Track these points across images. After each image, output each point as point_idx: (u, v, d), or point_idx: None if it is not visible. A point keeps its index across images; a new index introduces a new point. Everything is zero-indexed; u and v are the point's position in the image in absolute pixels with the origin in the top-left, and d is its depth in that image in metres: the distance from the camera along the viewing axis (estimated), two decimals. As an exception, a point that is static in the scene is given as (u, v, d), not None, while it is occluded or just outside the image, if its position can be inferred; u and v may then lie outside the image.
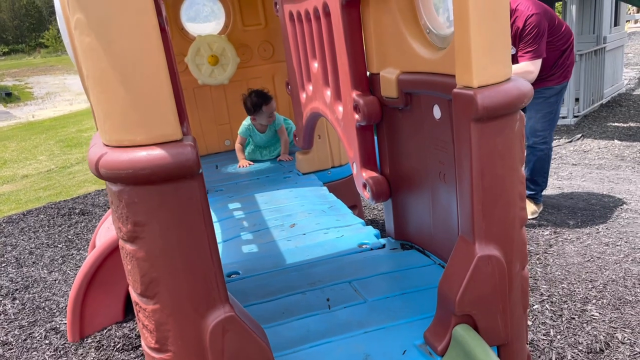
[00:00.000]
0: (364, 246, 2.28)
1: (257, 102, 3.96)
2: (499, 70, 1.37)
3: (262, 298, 1.92)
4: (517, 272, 1.49)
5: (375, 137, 2.29)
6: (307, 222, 2.62)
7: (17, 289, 4.06)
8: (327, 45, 2.35)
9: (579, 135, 7.18)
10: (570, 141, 7.06)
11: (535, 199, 4.53)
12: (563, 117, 7.83)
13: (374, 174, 2.20)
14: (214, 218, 2.85)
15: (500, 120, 1.36)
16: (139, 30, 1.09)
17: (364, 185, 2.22)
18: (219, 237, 2.55)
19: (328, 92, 2.51)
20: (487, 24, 1.32)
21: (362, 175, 2.22)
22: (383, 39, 2.04)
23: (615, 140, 6.88)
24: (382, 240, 2.30)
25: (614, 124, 7.66)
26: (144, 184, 1.16)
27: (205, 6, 4.45)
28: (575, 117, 7.83)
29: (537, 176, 4.46)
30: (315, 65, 2.62)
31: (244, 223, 2.72)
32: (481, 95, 1.32)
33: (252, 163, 4.06)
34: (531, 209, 4.50)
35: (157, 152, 1.13)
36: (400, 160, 2.10)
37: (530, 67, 3.84)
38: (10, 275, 4.33)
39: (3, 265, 4.56)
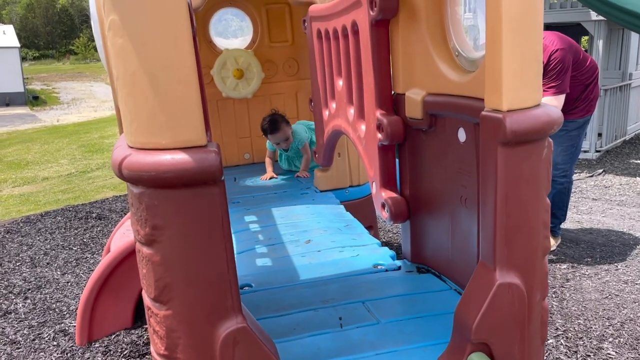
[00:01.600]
0: (379, 267, 2.25)
1: (264, 128, 4.03)
2: (530, 95, 1.35)
3: (273, 312, 1.90)
4: (537, 302, 1.45)
5: (397, 158, 2.28)
6: (323, 239, 2.60)
7: (29, 289, 4.08)
8: (353, 63, 2.36)
9: (601, 171, 7.09)
10: (592, 176, 6.96)
11: (553, 231, 4.47)
12: (585, 151, 7.75)
13: (393, 194, 2.18)
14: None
15: (529, 145, 1.34)
16: (172, 35, 1.10)
17: (383, 205, 2.19)
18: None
19: (351, 110, 2.51)
20: (520, 48, 1.31)
21: (382, 195, 2.20)
22: (411, 60, 2.04)
23: (638, 178, 6.77)
24: (398, 262, 2.27)
25: (636, 162, 7.55)
26: (165, 187, 1.15)
27: (234, 21, 4.51)
28: (597, 151, 7.75)
29: (556, 209, 4.39)
30: (340, 83, 2.62)
31: (259, 236, 2.71)
32: (510, 119, 1.30)
33: (275, 177, 4.07)
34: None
35: (181, 156, 1.13)
36: (421, 182, 2.08)
37: (553, 102, 3.82)
38: (24, 274, 4.36)
39: (18, 264, 4.59)
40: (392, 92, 2.18)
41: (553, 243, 4.45)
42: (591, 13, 7.20)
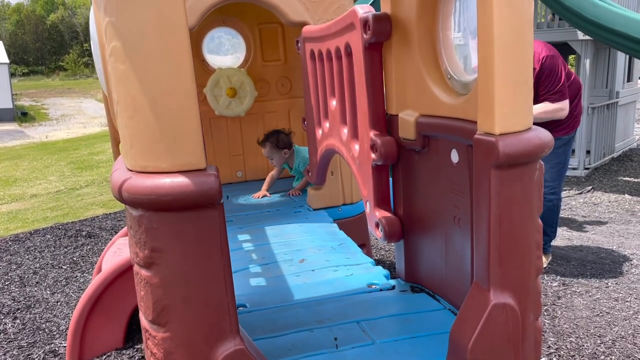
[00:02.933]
0: (373, 286, 2.26)
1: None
2: (521, 119, 1.39)
3: (268, 333, 1.90)
4: (530, 322, 1.47)
5: (390, 177, 2.30)
6: (317, 258, 2.61)
7: (18, 309, 4.04)
8: (346, 84, 2.39)
9: (590, 188, 7.17)
10: (581, 193, 7.04)
11: (544, 249, 4.51)
12: (574, 169, 7.84)
13: (387, 213, 2.20)
14: (223, 249, 2.84)
15: (521, 168, 1.37)
16: (175, 62, 1.12)
17: (377, 225, 2.21)
18: (227, 268, 2.54)
19: (345, 130, 2.54)
20: (511, 73, 1.35)
21: (375, 215, 2.21)
22: (404, 82, 2.08)
23: (626, 195, 6.86)
24: (392, 282, 2.28)
25: (624, 179, 7.64)
26: (165, 210, 1.16)
27: (225, 39, 4.55)
28: (586, 169, 7.84)
29: (546, 226, 4.43)
30: (333, 103, 2.65)
31: (253, 255, 2.71)
32: (503, 142, 1.33)
33: (268, 195, 4.08)
34: (540, 259, 4.47)
35: (180, 180, 1.15)
36: (415, 201, 2.11)
37: (561, 105, 3.89)
38: (13, 294, 4.31)
39: (7, 283, 4.54)
40: (386, 113, 2.21)
41: (544, 260, 4.48)
42: (578, 33, 7.34)
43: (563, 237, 5.31)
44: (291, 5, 3.23)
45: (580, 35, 7.34)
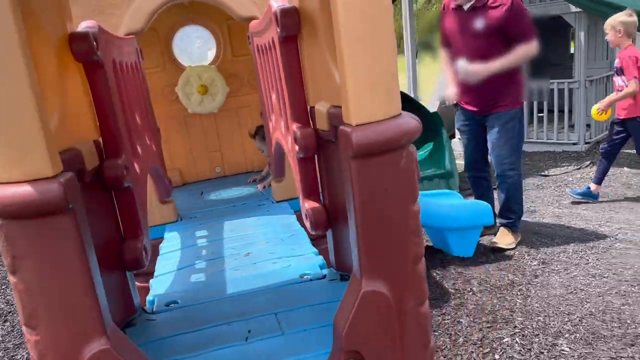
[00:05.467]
0: (305, 277, 2.28)
1: None
2: (381, 108, 1.39)
3: (189, 328, 1.95)
4: (411, 308, 1.48)
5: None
6: (262, 251, 2.64)
7: (10, 312, 4.19)
8: (276, 78, 2.41)
9: (588, 162, 7.03)
10: (579, 168, 6.91)
11: (512, 227, 4.45)
12: (574, 144, 7.70)
13: (315, 204, 2.21)
14: (178, 245, 2.90)
15: (382, 157, 1.37)
16: (4, 70, 1.16)
17: (306, 216, 2.23)
18: (173, 266, 2.60)
19: (282, 123, 2.56)
20: (367, 65, 1.35)
21: (304, 206, 2.24)
22: (316, 74, 2.08)
23: (625, 168, 6.71)
24: (324, 271, 2.31)
25: (625, 151, 7.44)
26: (15, 219, 1.21)
27: (197, 38, 4.59)
28: (586, 143, 7.68)
29: (512, 204, 4.39)
30: (273, 96, 2.67)
31: (203, 252, 2.76)
32: (356, 133, 1.34)
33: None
34: (509, 239, 4.42)
35: (22, 189, 1.19)
36: (333, 191, 2.12)
37: (535, 42, 3.97)
38: (8, 297, 4.48)
39: (3, 287, 4.71)
40: (309, 106, 2.23)
41: (512, 240, 4.43)
42: (570, 5, 7.17)
43: (552, 215, 5.25)
44: (238, 0, 3.25)
45: (573, 8, 7.17)
